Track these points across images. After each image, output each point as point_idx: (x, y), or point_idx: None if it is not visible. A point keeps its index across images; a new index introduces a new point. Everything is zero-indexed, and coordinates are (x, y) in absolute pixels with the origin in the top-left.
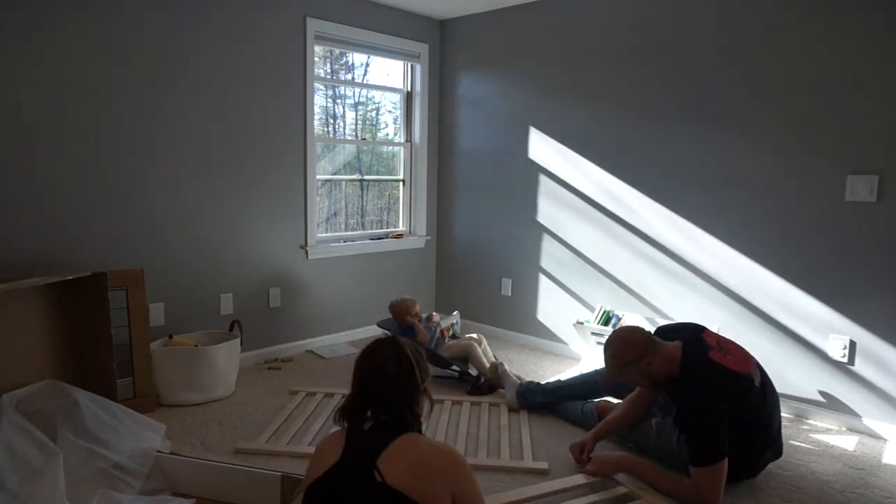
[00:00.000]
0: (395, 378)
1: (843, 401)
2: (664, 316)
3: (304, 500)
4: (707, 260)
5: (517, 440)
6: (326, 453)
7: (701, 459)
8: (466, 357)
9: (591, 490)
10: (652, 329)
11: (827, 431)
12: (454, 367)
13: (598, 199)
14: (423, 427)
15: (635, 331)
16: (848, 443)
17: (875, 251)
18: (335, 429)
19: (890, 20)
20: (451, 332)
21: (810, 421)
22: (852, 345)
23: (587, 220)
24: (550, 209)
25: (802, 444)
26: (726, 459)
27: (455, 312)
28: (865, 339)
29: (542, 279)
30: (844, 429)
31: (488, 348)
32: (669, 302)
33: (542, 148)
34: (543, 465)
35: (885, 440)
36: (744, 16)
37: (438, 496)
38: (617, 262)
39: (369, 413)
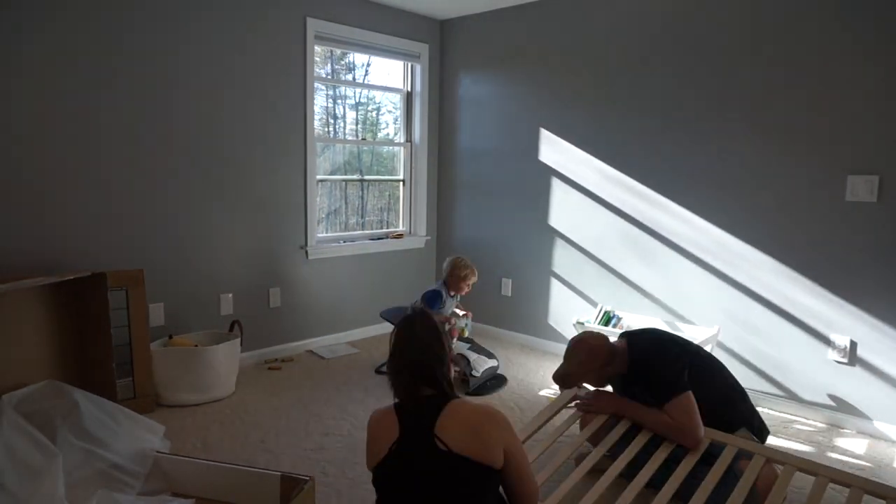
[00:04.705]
0: (425, 341)
1: (847, 401)
2: (674, 314)
3: (375, 480)
4: (709, 259)
5: None
6: (383, 431)
7: (669, 392)
8: None
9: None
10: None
11: (828, 431)
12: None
13: (602, 195)
14: None
15: (599, 338)
16: (852, 444)
17: (875, 251)
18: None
19: (891, 20)
20: (464, 334)
21: (811, 421)
22: (853, 345)
23: (588, 218)
24: (552, 208)
25: (802, 444)
26: (691, 392)
27: (467, 314)
28: (866, 339)
29: (543, 279)
30: (852, 431)
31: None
32: (673, 301)
33: (545, 147)
34: None
35: (894, 441)
36: (746, 17)
37: (494, 453)
38: (619, 259)
39: (406, 384)
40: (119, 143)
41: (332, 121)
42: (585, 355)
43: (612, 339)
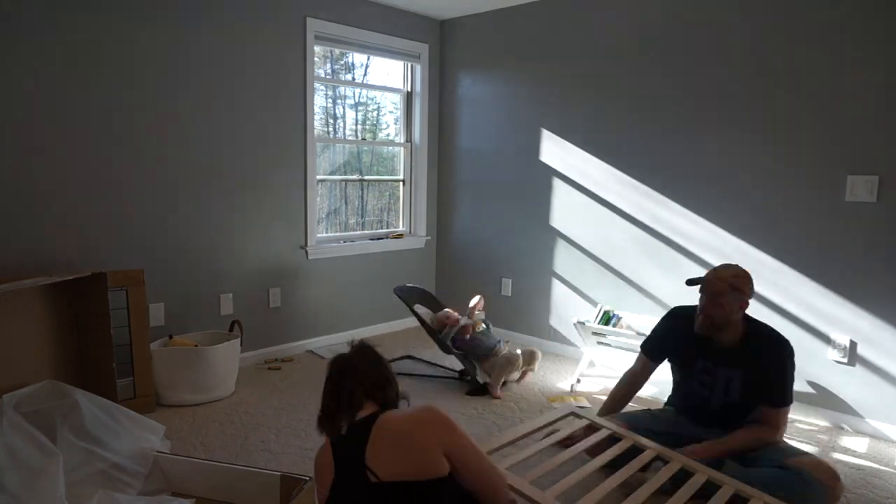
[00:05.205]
0: (363, 367)
1: (847, 401)
2: None
3: None
4: (709, 258)
5: None
6: (325, 470)
7: (786, 399)
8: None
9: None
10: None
11: (828, 431)
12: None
13: (604, 195)
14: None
15: None
16: (852, 444)
17: (875, 251)
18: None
19: (890, 21)
20: (479, 329)
21: (811, 420)
22: (853, 345)
23: (589, 218)
24: (553, 208)
25: (803, 444)
26: None
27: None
28: (866, 338)
29: (544, 279)
30: (852, 430)
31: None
32: (673, 299)
33: (546, 147)
34: None
35: (894, 441)
36: (746, 16)
37: (433, 461)
38: (619, 259)
39: (344, 416)
40: (119, 144)
41: (331, 121)
42: (745, 276)
43: None
